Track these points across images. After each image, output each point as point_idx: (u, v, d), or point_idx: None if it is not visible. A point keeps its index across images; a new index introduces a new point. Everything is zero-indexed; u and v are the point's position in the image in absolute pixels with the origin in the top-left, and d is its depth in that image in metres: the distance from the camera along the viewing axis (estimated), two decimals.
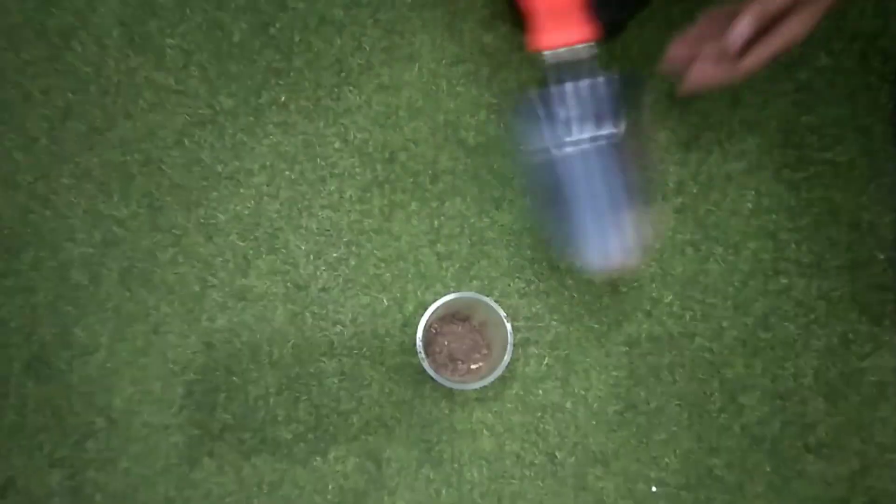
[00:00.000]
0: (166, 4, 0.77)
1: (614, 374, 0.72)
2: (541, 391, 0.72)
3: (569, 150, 0.54)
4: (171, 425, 0.72)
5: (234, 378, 0.72)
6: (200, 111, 0.76)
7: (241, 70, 0.76)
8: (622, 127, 0.53)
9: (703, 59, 0.52)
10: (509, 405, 0.72)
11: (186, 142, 0.75)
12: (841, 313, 0.72)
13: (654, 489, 0.71)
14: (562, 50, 0.52)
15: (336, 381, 0.72)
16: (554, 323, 0.73)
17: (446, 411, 0.72)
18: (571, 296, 0.73)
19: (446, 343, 0.70)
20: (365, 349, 0.72)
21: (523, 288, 0.73)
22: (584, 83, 0.53)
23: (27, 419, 0.73)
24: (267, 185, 0.75)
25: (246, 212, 0.74)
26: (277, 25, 0.76)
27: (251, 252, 0.74)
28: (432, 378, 0.64)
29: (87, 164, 0.75)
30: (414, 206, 0.74)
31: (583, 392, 0.72)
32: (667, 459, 0.71)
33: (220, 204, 0.75)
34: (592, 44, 0.52)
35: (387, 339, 0.73)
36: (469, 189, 0.74)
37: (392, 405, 0.72)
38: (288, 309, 0.73)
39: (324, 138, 0.75)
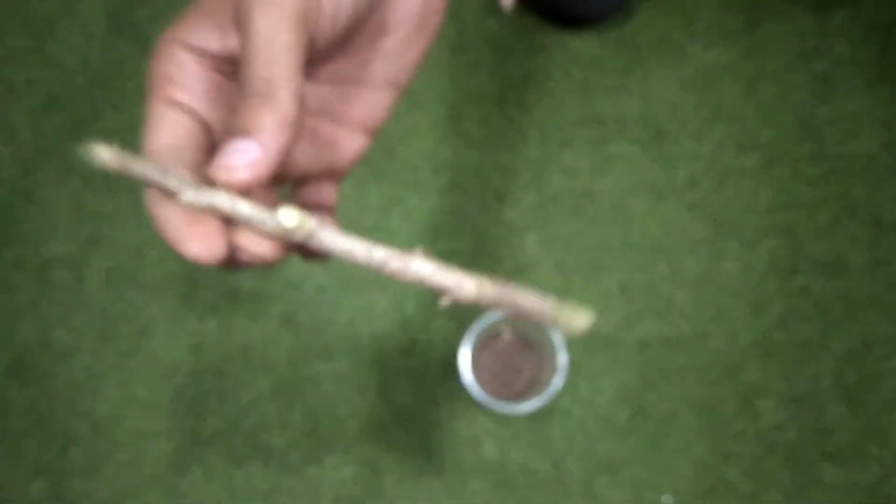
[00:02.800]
0: None
1: (624, 377, 0.71)
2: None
3: None
4: (158, 431, 0.71)
5: (225, 381, 0.71)
6: None
7: None
8: None
9: None
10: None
11: None
12: (860, 314, 0.71)
13: (664, 498, 0.70)
14: None
15: (332, 384, 0.71)
16: None
17: (447, 417, 0.71)
18: (578, 297, 0.72)
19: (486, 364, 0.70)
20: (362, 352, 0.72)
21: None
22: None
23: (9, 425, 0.72)
24: None
25: None
26: None
27: None
28: (479, 403, 0.63)
29: (71, 158, 0.75)
30: (414, 201, 0.73)
31: (591, 397, 0.71)
32: (678, 467, 0.70)
33: None
34: None
35: (385, 341, 0.72)
36: (471, 183, 0.73)
37: (391, 411, 0.71)
38: (281, 309, 0.72)
39: None
